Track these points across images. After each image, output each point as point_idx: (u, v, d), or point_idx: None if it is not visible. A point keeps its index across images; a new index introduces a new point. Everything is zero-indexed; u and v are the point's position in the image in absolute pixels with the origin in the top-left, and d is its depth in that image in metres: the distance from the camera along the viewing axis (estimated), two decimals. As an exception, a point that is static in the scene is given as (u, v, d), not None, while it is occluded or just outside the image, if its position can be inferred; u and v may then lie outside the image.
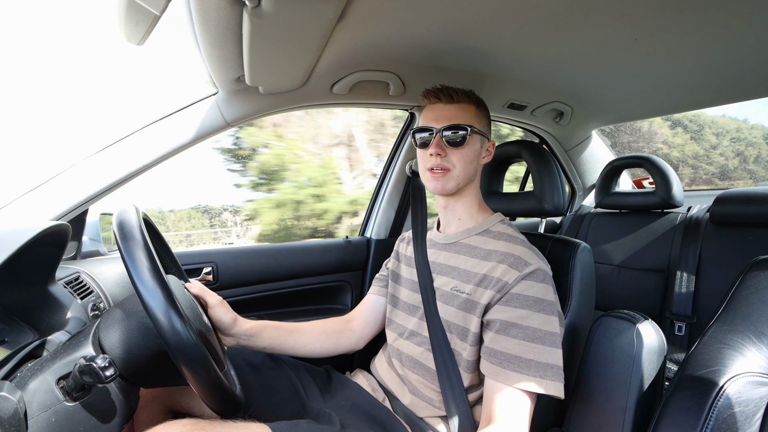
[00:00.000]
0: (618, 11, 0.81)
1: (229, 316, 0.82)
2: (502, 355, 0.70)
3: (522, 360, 0.69)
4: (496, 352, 0.71)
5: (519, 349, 0.69)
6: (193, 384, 0.53)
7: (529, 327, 0.70)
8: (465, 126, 0.81)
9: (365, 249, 1.58)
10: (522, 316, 0.71)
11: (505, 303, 0.73)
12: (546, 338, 0.70)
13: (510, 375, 0.68)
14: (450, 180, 0.83)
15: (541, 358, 0.68)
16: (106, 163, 0.95)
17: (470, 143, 0.83)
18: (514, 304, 0.72)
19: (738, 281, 0.65)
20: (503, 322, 0.72)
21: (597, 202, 1.77)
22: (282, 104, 1.10)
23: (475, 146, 0.84)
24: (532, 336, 0.70)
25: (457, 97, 0.85)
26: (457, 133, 0.81)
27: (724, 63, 1.08)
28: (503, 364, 0.70)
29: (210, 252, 1.29)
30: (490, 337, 0.74)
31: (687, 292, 1.38)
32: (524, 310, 0.71)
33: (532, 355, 0.69)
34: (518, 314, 0.71)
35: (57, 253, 0.77)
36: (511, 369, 0.69)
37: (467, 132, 0.81)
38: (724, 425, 0.53)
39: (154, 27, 0.71)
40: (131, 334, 0.58)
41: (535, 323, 0.70)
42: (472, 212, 0.89)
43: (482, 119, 0.86)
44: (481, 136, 0.86)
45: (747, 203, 1.28)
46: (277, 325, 0.92)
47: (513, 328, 0.71)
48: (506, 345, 0.71)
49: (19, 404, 0.50)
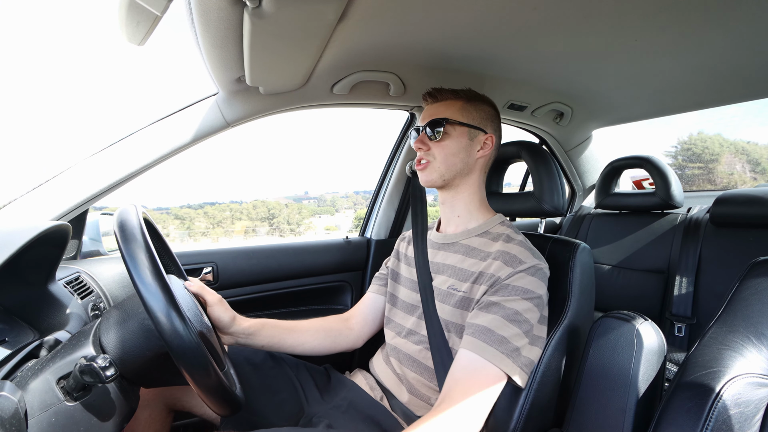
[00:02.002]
0: (618, 12, 0.81)
1: (227, 314, 0.82)
2: (477, 327, 0.72)
3: (495, 334, 0.69)
4: (473, 324, 0.73)
5: (495, 324, 0.70)
6: (193, 384, 0.53)
7: (510, 308, 0.71)
8: (441, 120, 0.85)
9: (365, 249, 1.58)
10: (506, 299, 0.72)
11: (493, 293, 0.75)
12: (523, 324, 0.71)
13: (479, 345, 0.69)
14: (432, 171, 0.86)
15: (514, 340, 0.69)
16: (106, 163, 0.96)
17: (452, 135, 0.85)
18: (502, 292, 0.74)
19: (738, 282, 0.65)
20: (488, 301, 0.74)
21: (597, 202, 1.77)
22: (282, 104, 1.10)
23: (459, 139, 0.85)
24: (511, 317, 0.71)
25: (441, 96, 0.89)
26: (435, 127, 0.85)
27: (724, 63, 1.08)
28: (476, 335, 0.71)
29: (210, 252, 1.29)
30: (472, 314, 0.75)
31: (687, 292, 1.38)
32: (510, 296, 0.73)
33: (506, 332, 0.70)
34: (503, 297, 0.73)
35: (57, 253, 0.77)
36: (482, 340, 0.70)
37: (443, 124, 0.85)
38: (724, 426, 0.53)
39: (155, 27, 0.71)
40: (132, 334, 0.58)
41: (517, 306, 0.71)
42: (472, 210, 0.89)
43: (471, 113, 0.87)
44: (470, 129, 0.86)
45: (747, 204, 1.28)
46: (276, 324, 0.92)
47: (494, 306, 0.73)
48: (484, 319, 0.72)
49: (20, 404, 0.50)
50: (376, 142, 25.34)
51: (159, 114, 1.00)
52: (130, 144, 0.98)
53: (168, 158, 1.02)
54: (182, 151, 1.03)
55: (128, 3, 0.64)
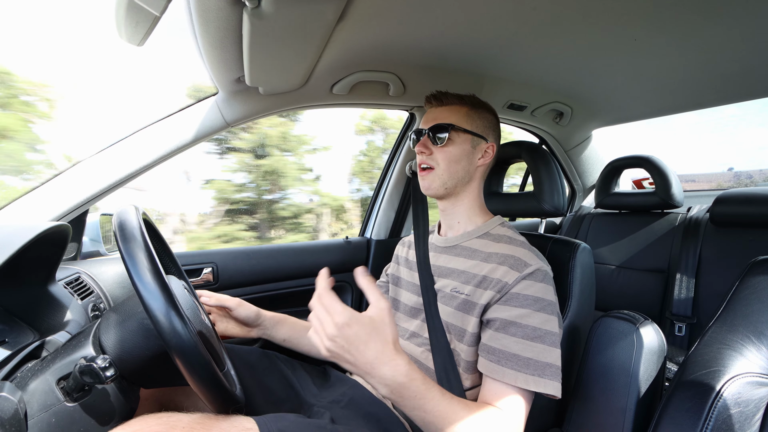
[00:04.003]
0: (617, 12, 0.82)
1: (251, 310, 0.91)
2: (500, 353, 0.70)
3: (520, 358, 0.68)
4: (495, 349, 0.71)
5: (518, 347, 0.69)
6: (193, 385, 0.53)
7: (528, 326, 0.70)
8: (446, 125, 0.84)
9: (365, 249, 1.58)
10: (522, 315, 0.71)
11: (504, 302, 0.73)
12: (545, 337, 0.70)
13: (508, 372, 0.68)
14: (435, 179, 0.86)
15: (539, 357, 0.68)
16: (106, 163, 0.96)
17: (456, 142, 0.85)
18: (514, 303, 0.72)
19: (738, 282, 0.65)
20: (503, 320, 0.72)
21: (597, 202, 1.77)
22: (282, 105, 1.10)
23: (462, 146, 0.85)
24: (531, 335, 0.70)
25: (447, 100, 0.88)
26: (440, 132, 0.84)
27: (724, 63, 1.08)
28: (501, 362, 0.70)
29: (210, 252, 1.29)
30: (489, 335, 0.74)
31: (687, 292, 1.38)
32: (524, 309, 0.71)
33: (530, 353, 0.69)
34: (518, 313, 0.71)
35: (57, 253, 0.77)
36: (509, 367, 0.69)
37: (448, 130, 0.84)
38: (724, 425, 0.53)
39: (154, 28, 0.71)
40: (132, 334, 0.58)
41: (534, 322, 0.70)
42: (472, 215, 0.90)
43: (476, 120, 0.87)
44: (473, 136, 0.86)
45: (747, 204, 1.28)
46: (295, 321, 0.99)
47: (512, 327, 0.71)
48: (505, 343, 0.71)
49: (20, 405, 0.50)
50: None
51: (159, 114, 1.00)
52: (130, 144, 0.98)
53: (168, 158, 1.02)
54: (182, 151, 1.02)
55: (127, 3, 0.64)
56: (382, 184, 1.59)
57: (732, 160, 17.64)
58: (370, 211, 1.64)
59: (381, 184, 1.60)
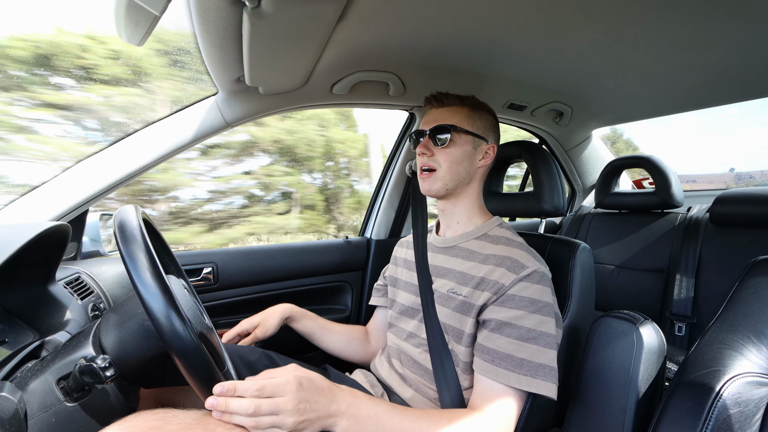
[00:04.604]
0: (617, 11, 0.82)
1: (276, 321, 0.98)
2: (494, 353, 0.71)
3: (514, 358, 0.69)
4: (489, 349, 0.72)
5: (512, 348, 0.70)
6: (193, 385, 0.53)
7: (523, 327, 0.70)
8: (448, 126, 0.84)
9: (365, 249, 1.58)
10: (517, 317, 0.71)
11: (500, 304, 0.73)
12: (540, 338, 0.70)
13: (501, 372, 0.69)
14: (436, 181, 0.85)
15: (533, 358, 0.69)
16: (106, 164, 0.96)
17: (458, 143, 0.84)
18: (510, 304, 0.73)
19: (738, 282, 0.65)
20: (498, 321, 0.72)
21: (597, 202, 1.77)
22: (282, 105, 1.10)
23: (464, 147, 0.85)
24: (525, 336, 0.70)
25: (448, 101, 0.88)
26: (442, 133, 0.84)
27: (724, 63, 1.08)
28: (495, 362, 0.70)
29: (210, 252, 1.29)
30: (484, 335, 0.74)
31: (687, 292, 1.38)
32: (519, 311, 0.71)
33: (525, 354, 0.69)
34: (513, 314, 0.72)
35: (57, 253, 0.77)
36: (503, 366, 0.69)
37: (450, 131, 0.84)
38: (724, 425, 0.53)
39: (154, 28, 0.71)
40: (132, 334, 0.58)
41: (529, 323, 0.70)
42: (471, 216, 0.90)
43: (476, 122, 0.87)
44: (474, 138, 0.86)
45: (747, 203, 1.28)
46: (314, 317, 1.05)
47: (507, 327, 0.71)
48: (499, 343, 0.71)
49: (20, 405, 0.50)
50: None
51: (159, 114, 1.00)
52: (130, 144, 0.98)
53: (168, 158, 1.02)
54: (182, 151, 1.02)
55: (127, 3, 0.64)
56: (382, 184, 1.59)
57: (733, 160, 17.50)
58: (369, 211, 1.64)
59: (381, 184, 1.60)
